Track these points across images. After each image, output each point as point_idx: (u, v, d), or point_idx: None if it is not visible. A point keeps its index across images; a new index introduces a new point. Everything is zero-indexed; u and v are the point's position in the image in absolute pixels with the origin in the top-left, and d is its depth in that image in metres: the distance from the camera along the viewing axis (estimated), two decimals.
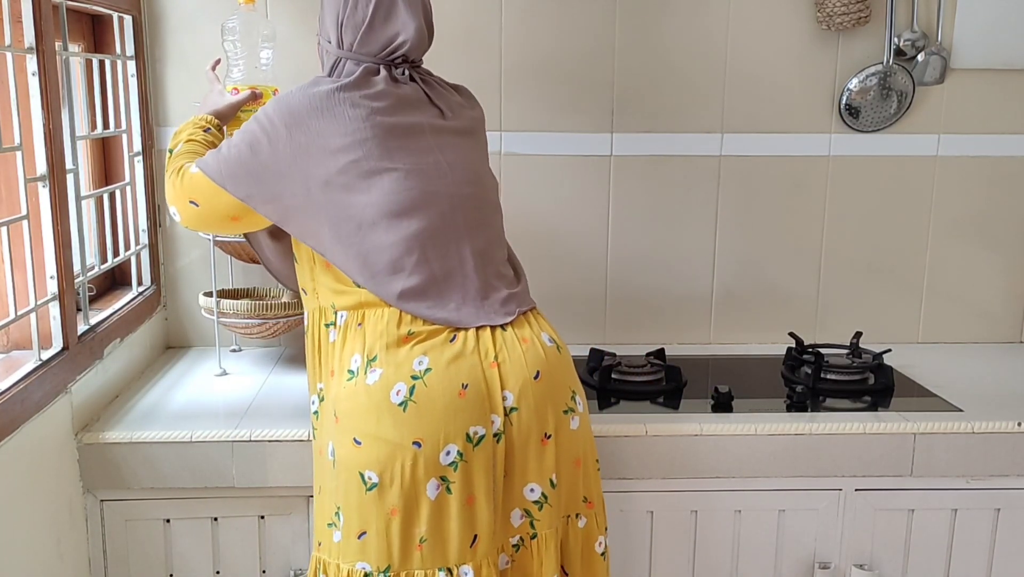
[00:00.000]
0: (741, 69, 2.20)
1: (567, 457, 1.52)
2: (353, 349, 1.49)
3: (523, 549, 1.51)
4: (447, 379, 1.43)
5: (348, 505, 1.46)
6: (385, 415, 1.42)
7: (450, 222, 1.50)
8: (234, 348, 2.22)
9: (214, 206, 1.52)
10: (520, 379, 1.47)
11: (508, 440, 1.46)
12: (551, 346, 1.53)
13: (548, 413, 1.49)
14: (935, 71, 2.20)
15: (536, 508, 1.50)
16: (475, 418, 1.43)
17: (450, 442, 1.42)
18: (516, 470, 1.48)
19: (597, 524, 1.58)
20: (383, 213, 1.45)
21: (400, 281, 1.46)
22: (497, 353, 1.47)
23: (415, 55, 1.55)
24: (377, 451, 1.42)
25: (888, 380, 2.02)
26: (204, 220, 1.56)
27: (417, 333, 1.46)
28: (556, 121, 2.20)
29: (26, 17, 1.57)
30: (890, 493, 1.81)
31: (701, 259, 2.29)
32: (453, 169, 1.53)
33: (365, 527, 1.44)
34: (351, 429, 1.45)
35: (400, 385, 1.43)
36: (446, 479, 1.42)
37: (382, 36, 1.51)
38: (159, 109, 2.15)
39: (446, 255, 1.50)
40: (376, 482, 1.42)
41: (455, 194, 1.52)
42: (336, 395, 1.49)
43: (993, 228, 2.31)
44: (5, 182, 1.66)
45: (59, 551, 1.63)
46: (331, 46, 1.54)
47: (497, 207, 1.63)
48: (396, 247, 1.46)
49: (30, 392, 1.53)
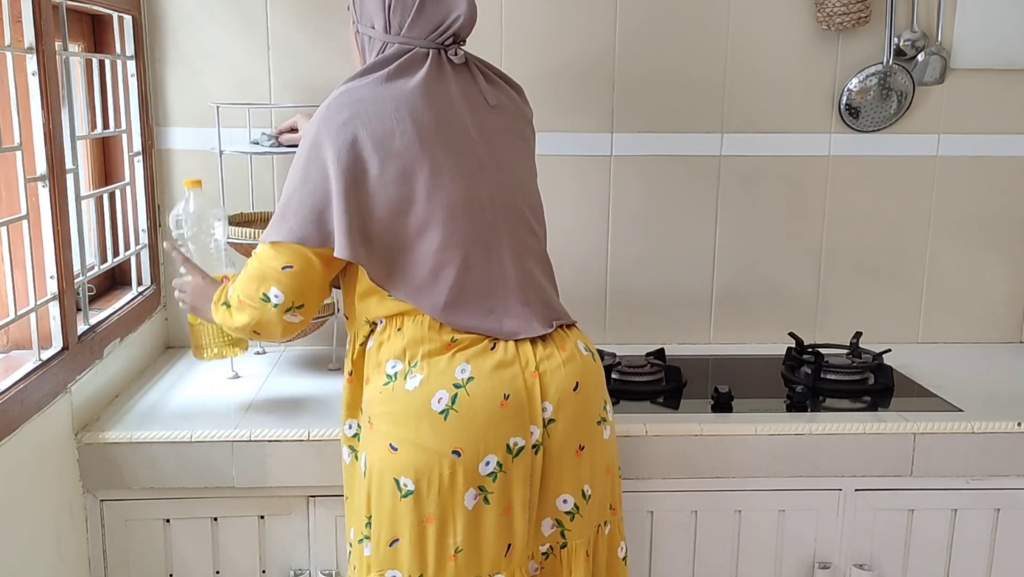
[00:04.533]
0: (741, 69, 2.20)
1: (600, 466, 1.50)
2: (391, 353, 1.44)
3: (552, 558, 1.49)
4: (490, 389, 1.40)
5: (380, 512, 1.42)
6: (424, 422, 1.39)
7: (492, 228, 1.46)
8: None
9: (301, 259, 1.42)
10: (560, 390, 1.44)
11: (545, 451, 1.43)
12: (587, 355, 1.51)
13: (584, 425, 1.47)
14: (935, 71, 2.20)
15: (568, 518, 1.47)
16: (515, 429, 1.40)
17: (490, 453, 1.39)
18: (551, 480, 1.45)
19: (619, 530, 1.57)
20: (426, 222, 1.41)
21: (441, 293, 1.42)
22: (539, 364, 1.44)
23: (466, 32, 1.48)
24: (415, 458, 1.39)
25: (888, 380, 2.02)
26: (302, 282, 1.43)
27: (460, 340, 1.43)
28: (556, 121, 2.19)
29: (26, 17, 1.57)
30: (890, 493, 1.81)
31: (701, 259, 2.29)
32: (497, 171, 1.48)
33: (397, 534, 1.41)
34: (387, 435, 1.42)
35: (442, 393, 1.40)
36: (484, 489, 1.40)
37: (435, 16, 1.45)
38: (159, 109, 2.15)
39: (488, 262, 1.46)
40: (412, 489, 1.39)
41: (497, 198, 1.47)
42: (371, 399, 1.46)
43: (993, 228, 2.31)
44: (5, 182, 1.66)
45: (59, 551, 1.63)
46: (376, 31, 1.47)
47: (539, 215, 1.58)
48: (436, 256, 1.42)
49: (30, 392, 1.53)
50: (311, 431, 1.70)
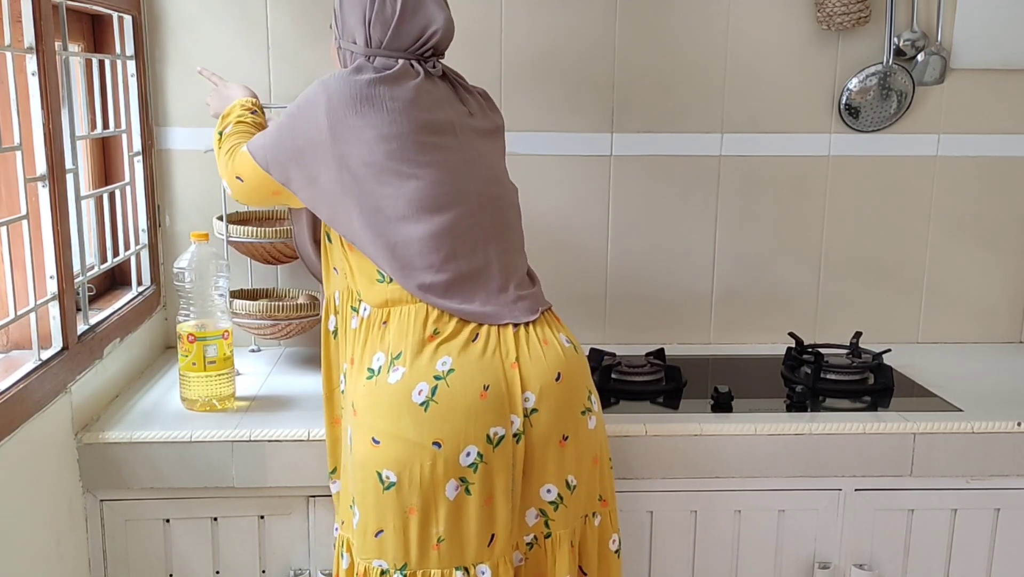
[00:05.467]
0: (741, 69, 2.20)
1: (586, 456, 1.52)
2: (375, 347, 1.49)
3: (537, 548, 1.52)
4: (469, 380, 1.43)
5: (364, 503, 1.46)
6: (405, 414, 1.42)
7: (478, 221, 1.51)
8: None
9: (258, 183, 1.57)
10: (541, 380, 1.47)
11: (527, 441, 1.46)
12: (569, 347, 1.53)
13: (567, 414, 1.49)
14: (935, 71, 2.20)
15: (552, 508, 1.50)
16: (495, 419, 1.43)
17: (470, 443, 1.42)
18: (534, 470, 1.48)
19: (611, 522, 1.59)
20: (414, 207, 1.46)
21: (429, 275, 1.47)
22: (519, 354, 1.47)
23: (444, 46, 1.56)
24: (396, 450, 1.42)
25: (888, 380, 2.02)
26: (249, 194, 1.61)
27: (441, 332, 1.46)
28: (556, 121, 2.20)
29: (26, 17, 1.57)
30: (890, 493, 1.81)
31: (701, 259, 2.29)
32: (480, 168, 1.54)
33: (382, 525, 1.44)
34: (369, 427, 1.45)
35: (422, 385, 1.43)
36: (465, 480, 1.43)
37: (413, 29, 1.51)
38: (159, 109, 2.15)
39: (473, 253, 1.50)
40: (394, 481, 1.42)
41: (482, 192, 1.53)
42: (354, 389, 1.50)
43: (993, 228, 2.31)
44: (5, 182, 1.66)
45: (59, 551, 1.63)
46: (358, 46, 1.53)
47: (518, 211, 1.63)
48: (425, 241, 1.46)
49: (30, 392, 1.53)
50: (311, 431, 1.71)
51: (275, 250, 2.04)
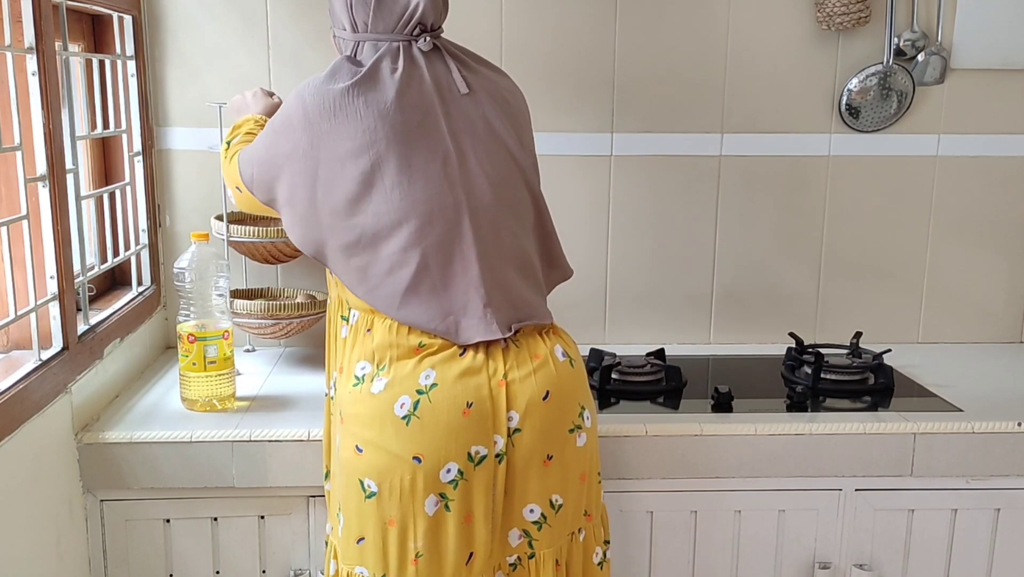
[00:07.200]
0: (741, 69, 2.20)
1: (573, 474, 1.49)
2: (361, 355, 1.46)
3: (520, 568, 1.49)
4: (452, 396, 1.40)
5: (348, 509, 1.45)
6: (388, 425, 1.40)
7: (456, 230, 1.44)
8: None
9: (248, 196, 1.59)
10: (527, 399, 1.43)
11: (510, 461, 1.43)
12: (564, 361, 1.49)
13: (553, 434, 1.45)
14: (935, 71, 2.20)
15: (535, 528, 1.47)
16: (477, 437, 1.40)
17: (451, 460, 1.39)
18: (516, 490, 1.44)
19: (595, 536, 1.56)
20: (386, 225, 1.42)
21: (396, 294, 1.43)
22: (507, 371, 1.43)
23: (431, 19, 1.48)
24: (378, 460, 1.41)
25: (888, 380, 2.02)
26: (250, 204, 1.62)
27: (428, 346, 1.43)
28: (556, 121, 2.19)
29: (26, 17, 1.57)
30: (890, 493, 1.81)
31: (701, 259, 2.29)
32: (468, 169, 1.46)
33: (363, 533, 1.44)
34: (353, 434, 1.44)
35: (405, 398, 1.40)
36: (445, 496, 1.40)
37: (395, 7, 1.46)
38: (159, 109, 2.15)
39: (449, 264, 1.44)
40: (375, 491, 1.41)
41: (465, 199, 1.45)
42: (341, 396, 1.49)
43: (993, 228, 2.31)
44: (5, 182, 1.66)
45: (59, 551, 1.63)
46: (346, 33, 1.50)
47: (521, 208, 1.53)
48: (394, 258, 1.42)
49: (30, 392, 1.53)
50: (311, 431, 1.70)
51: (275, 249, 2.04)
